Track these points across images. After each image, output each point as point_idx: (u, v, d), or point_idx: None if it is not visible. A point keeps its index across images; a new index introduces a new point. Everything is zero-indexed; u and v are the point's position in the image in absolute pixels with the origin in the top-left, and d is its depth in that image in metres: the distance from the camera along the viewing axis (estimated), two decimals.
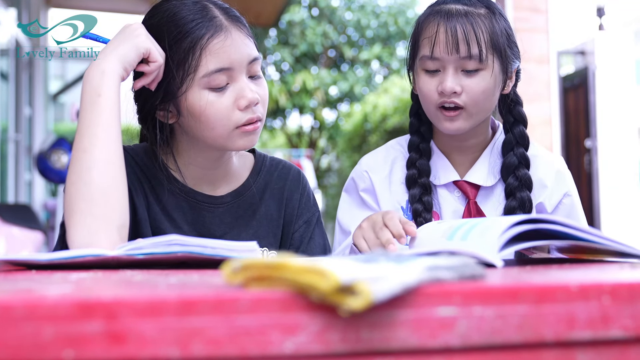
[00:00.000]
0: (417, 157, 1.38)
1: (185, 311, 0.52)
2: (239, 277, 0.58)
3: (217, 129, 1.15)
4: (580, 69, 7.16)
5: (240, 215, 1.27)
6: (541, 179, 1.37)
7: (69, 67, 11.87)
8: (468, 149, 1.38)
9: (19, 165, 5.61)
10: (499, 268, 0.75)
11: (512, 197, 1.34)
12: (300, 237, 1.32)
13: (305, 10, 14.02)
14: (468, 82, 1.26)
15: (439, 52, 1.26)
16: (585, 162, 6.84)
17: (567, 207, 1.38)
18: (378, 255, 0.64)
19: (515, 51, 1.33)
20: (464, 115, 1.28)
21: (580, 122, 6.97)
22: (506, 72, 1.30)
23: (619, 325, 0.58)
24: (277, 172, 1.34)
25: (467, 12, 1.26)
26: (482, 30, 1.25)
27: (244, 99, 1.14)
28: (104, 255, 0.88)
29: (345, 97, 13.92)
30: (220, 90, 1.14)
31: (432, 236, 0.98)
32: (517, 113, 1.38)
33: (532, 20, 5.47)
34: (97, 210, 1.03)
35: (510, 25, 1.34)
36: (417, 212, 1.33)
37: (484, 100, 1.28)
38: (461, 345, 0.55)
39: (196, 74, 1.13)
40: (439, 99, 1.27)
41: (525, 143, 1.37)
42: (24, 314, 0.50)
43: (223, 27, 1.15)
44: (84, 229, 1.02)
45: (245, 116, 1.15)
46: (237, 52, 1.15)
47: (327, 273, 0.52)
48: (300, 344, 0.53)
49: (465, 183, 1.37)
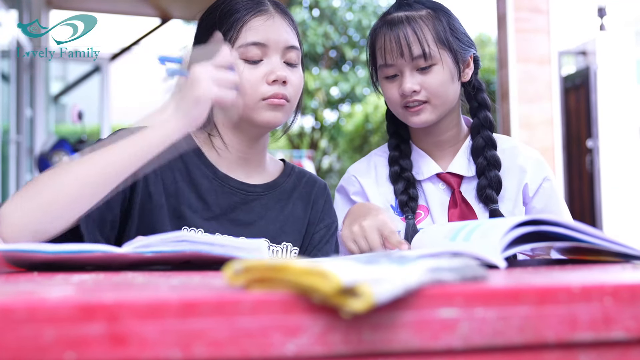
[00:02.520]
0: (397, 155, 1.47)
1: (187, 313, 0.52)
2: (240, 279, 0.58)
3: (245, 98, 1.22)
4: (581, 69, 7.16)
5: (270, 208, 1.33)
6: (521, 165, 1.45)
7: (70, 69, 11.87)
8: (445, 144, 1.46)
9: (20, 167, 5.61)
10: (501, 269, 0.75)
11: (483, 176, 1.42)
12: (319, 239, 1.38)
13: (306, 10, 14.01)
14: (424, 78, 1.36)
15: (390, 59, 1.37)
16: (587, 162, 6.83)
17: (547, 190, 1.45)
18: (380, 256, 0.64)
19: (466, 41, 1.42)
20: (429, 108, 1.37)
21: (581, 122, 6.96)
22: (459, 61, 1.39)
23: (621, 326, 0.58)
24: (305, 179, 1.41)
25: (408, 17, 1.37)
26: (423, 31, 1.35)
27: (272, 74, 1.22)
28: (112, 252, 0.87)
29: (347, 97, 13.91)
30: (254, 63, 1.23)
31: (434, 238, 0.98)
32: (481, 99, 1.48)
33: (533, 21, 5.46)
34: (38, 200, 1.00)
35: (458, 19, 1.44)
36: (402, 203, 1.42)
37: (444, 91, 1.37)
38: (463, 346, 0.55)
39: (234, 44, 1.23)
40: (402, 100, 1.38)
41: (490, 126, 1.47)
42: (25, 316, 0.50)
43: (268, 12, 1.27)
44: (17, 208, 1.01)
45: (271, 89, 1.22)
46: (275, 33, 1.25)
47: (329, 275, 0.52)
48: (302, 346, 0.53)
49: (448, 175, 1.44)
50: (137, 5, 6.21)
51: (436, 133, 1.45)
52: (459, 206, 1.41)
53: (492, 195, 1.40)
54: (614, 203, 6.83)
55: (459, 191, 1.43)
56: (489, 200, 1.40)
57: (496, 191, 1.41)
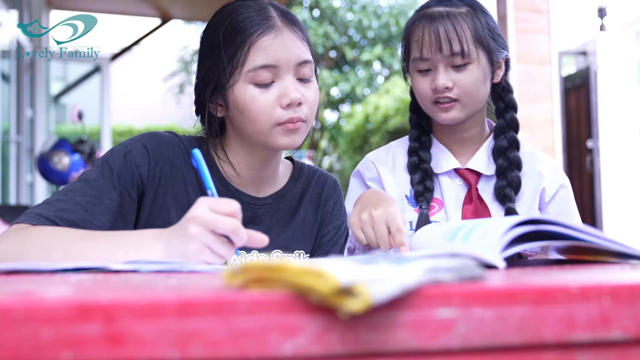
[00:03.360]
0: (418, 146, 1.47)
1: (184, 313, 0.52)
2: (238, 279, 0.58)
3: (258, 124, 1.17)
4: (581, 69, 7.15)
5: (279, 218, 1.31)
6: (539, 170, 1.46)
7: (70, 69, 11.86)
8: (467, 141, 1.46)
9: (20, 167, 5.62)
10: (499, 269, 0.75)
11: (502, 177, 1.42)
12: (327, 241, 1.36)
13: (307, 11, 14.01)
14: (458, 76, 1.36)
15: (427, 53, 1.36)
16: (587, 163, 6.83)
17: (563, 198, 1.46)
18: (377, 256, 0.63)
19: (500, 42, 1.43)
20: (459, 106, 1.38)
21: (581, 122, 6.96)
22: (493, 62, 1.40)
23: (619, 326, 0.58)
24: (315, 179, 1.38)
25: (449, 13, 1.37)
26: (463, 28, 1.35)
27: (286, 98, 1.16)
28: (108, 268, 0.87)
29: (347, 97, 13.91)
30: (265, 86, 1.17)
31: (432, 238, 0.98)
32: (508, 100, 1.49)
33: (533, 21, 5.46)
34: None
35: (494, 19, 1.44)
36: (417, 193, 1.41)
37: (476, 90, 1.38)
38: (461, 346, 0.55)
39: (243, 68, 1.17)
40: (433, 96, 1.38)
41: (516, 127, 1.47)
42: (22, 316, 0.50)
43: (275, 27, 1.19)
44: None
45: (286, 114, 1.17)
46: (285, 52, 1.18)
47: (326, 275, 0.52)
48: (300, 346, 0.53)
49: (466, 170, 1.44)
50: (137, 5, 6.21)
51: (460, 130, 1.45)
52: (474, 202, 1.41)
53: (511, 194, 1.40)
54: (614, 204, 6.82)
55: (476, 188, 1.43)
56: (506, 198, 1.39)
57: (515, 191, 1.41)
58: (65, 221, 1.10)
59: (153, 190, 1.20)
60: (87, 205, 1.12)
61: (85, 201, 1.13)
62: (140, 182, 1.19)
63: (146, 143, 1.21)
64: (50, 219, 1.09)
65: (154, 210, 1.20)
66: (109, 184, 1.15)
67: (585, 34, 7.36)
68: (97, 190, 1.14)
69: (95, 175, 1.16)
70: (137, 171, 1.18)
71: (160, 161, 1.21)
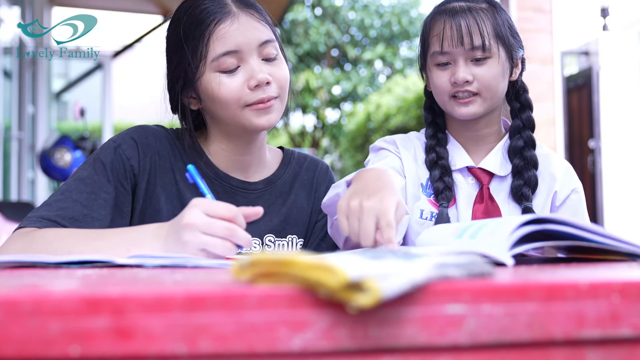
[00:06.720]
0: (434, 144, 1.46)
1: (193, 307, 0.51)
2: (246, 273, 0.57)
3: (230, 109, 1.21)
4: (584, 69, 7.15)
5: (272, 203, 1.33)
6: (552, 173, 1.45)
7: (72, 66, 11.88)
8: (482, 140, 1.46)
9: (22, 164, 5.62)
10: (508, 266, 0.75)
11: (518, 176, 1.41)
12: (321, 227, 1.37)
13: (309, 9, 14.01)
14: (478, 70, 1.36)
15: (448, 46, 1.36)
16: (589, 163, 6.82)
17: (574, 202, 1.44)
18: (386, 252, 0.63)
19: (518, 40, 1.43)
20: (479, 101, 1.38)
21: (583, 122, 6.96)
22: (512, 59, 1.41)
23: (629, 323, 0.58)
24: (306, 164, 1.41)
25: (470, 8, 1.38)
26: (484, 23, 1.36)
27: (253, 79, 1.19)
28: (113, 261, 0.87)
29: (349, 96, 13.91)
30: (231, 72, 1.20)
31: (441, 236, 0.98)
32: (524, 99, 1.49)
33: (536, 21, 5.46)
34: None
35: (511, 18, 1.44)
36: (438, 190, 1.41)
37: (495, 85, 1.38)
38: (470, 343, 0.55)
39: (207, 59, 1.20)
40: (452, 89, 1.38)
41: (532, 127, 1.47)
42: (30, 309, 0.50)
43: (231, 13, 1.21)
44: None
45: (255, 95, 1.20)
46: (244, 36, 1.20)
47: (336, 270, 0.51)
48: (308, 341, 0.52)
49: (479, 170, 1.44)
50: (139, 2, 6.20)
51: (476, 128, 1.45)
52: (484, 202, 1.41)
53: (528, 193, 1.39)
54: (616, 203, 6.82)
55: (487, 187, 1.42)
56: (524, 197, 1.39)
57: (532, 190, 1.41)
58: (66, 219, 1.12)
59: (145, 180, 1.23)
60: (85, 202, 1.15)
61: (83, 197, 1.16)
62: (132, 173, 1.22)
63: (134, 136, 1.25)
64: (52, 220, 1.12)
65: (146, 200, 1.23)
66: (104, 179, 1.19)
67: (588, 34, 7.35)
68: (92, 186, 1.17)
69: (88, 172, 1.19)
70: (128, 163, 1.22)
71: (148, 152, 1.25)
